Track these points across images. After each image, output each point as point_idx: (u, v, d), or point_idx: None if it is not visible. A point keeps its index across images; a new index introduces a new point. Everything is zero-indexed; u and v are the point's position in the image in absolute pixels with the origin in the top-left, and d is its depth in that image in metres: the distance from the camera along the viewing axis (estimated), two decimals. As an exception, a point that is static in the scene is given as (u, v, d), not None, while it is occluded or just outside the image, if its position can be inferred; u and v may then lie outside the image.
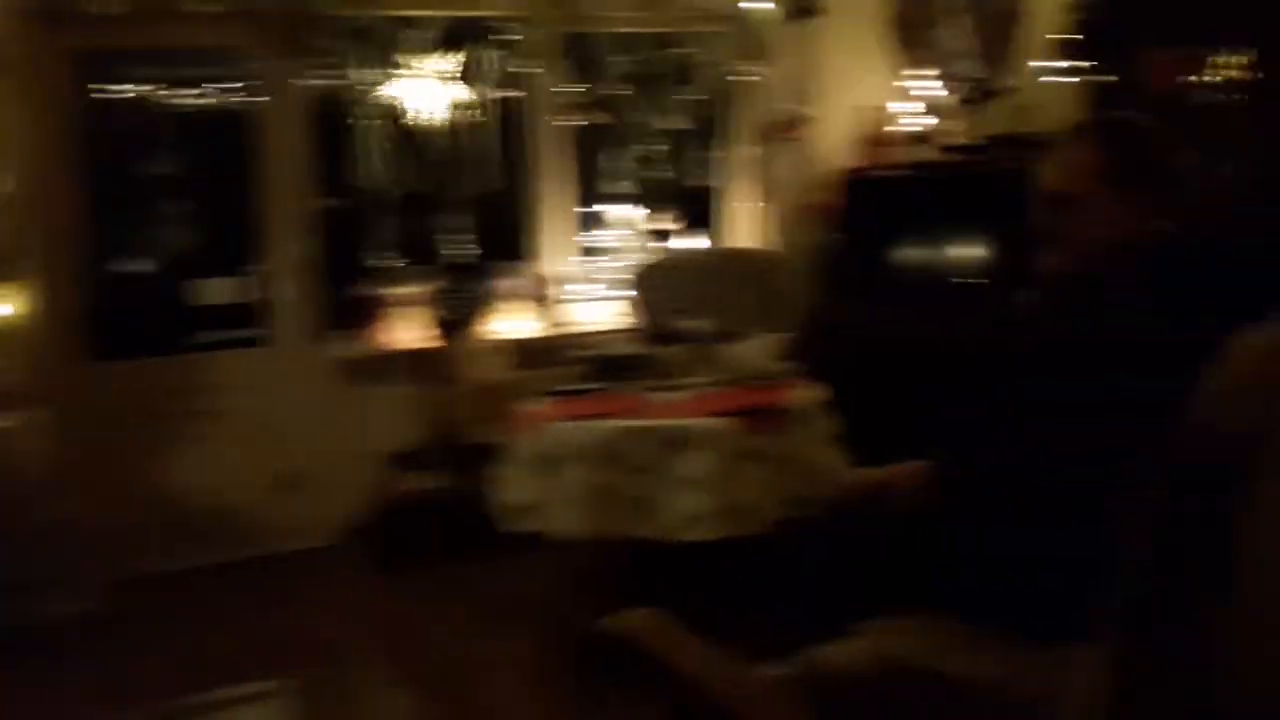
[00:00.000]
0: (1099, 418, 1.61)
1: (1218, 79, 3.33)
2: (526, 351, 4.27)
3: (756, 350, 3.23)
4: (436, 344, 4.14)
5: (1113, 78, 3.77)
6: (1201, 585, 1.04)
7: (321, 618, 3.49)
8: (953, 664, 1.60)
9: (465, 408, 3.99)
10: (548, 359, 4.20)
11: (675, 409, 2.94)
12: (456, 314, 4.33)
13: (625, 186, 4.66)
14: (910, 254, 4.42)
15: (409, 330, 4.29)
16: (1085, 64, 3.83)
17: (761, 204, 4.83)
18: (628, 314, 4.46)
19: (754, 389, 3.07)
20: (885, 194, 4.52)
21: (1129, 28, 3.64)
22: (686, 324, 3.39)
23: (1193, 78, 3.39)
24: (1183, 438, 1.04)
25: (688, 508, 2.64)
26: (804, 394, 3.00)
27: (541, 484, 2.89)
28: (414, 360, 4.20)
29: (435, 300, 4.35)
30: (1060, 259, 1.80)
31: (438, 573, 3.70)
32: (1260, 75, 3.18)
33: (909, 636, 1.68)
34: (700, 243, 4.82)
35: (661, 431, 2.76)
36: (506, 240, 4.66)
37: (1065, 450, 1.66)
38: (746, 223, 4.93)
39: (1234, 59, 3.31)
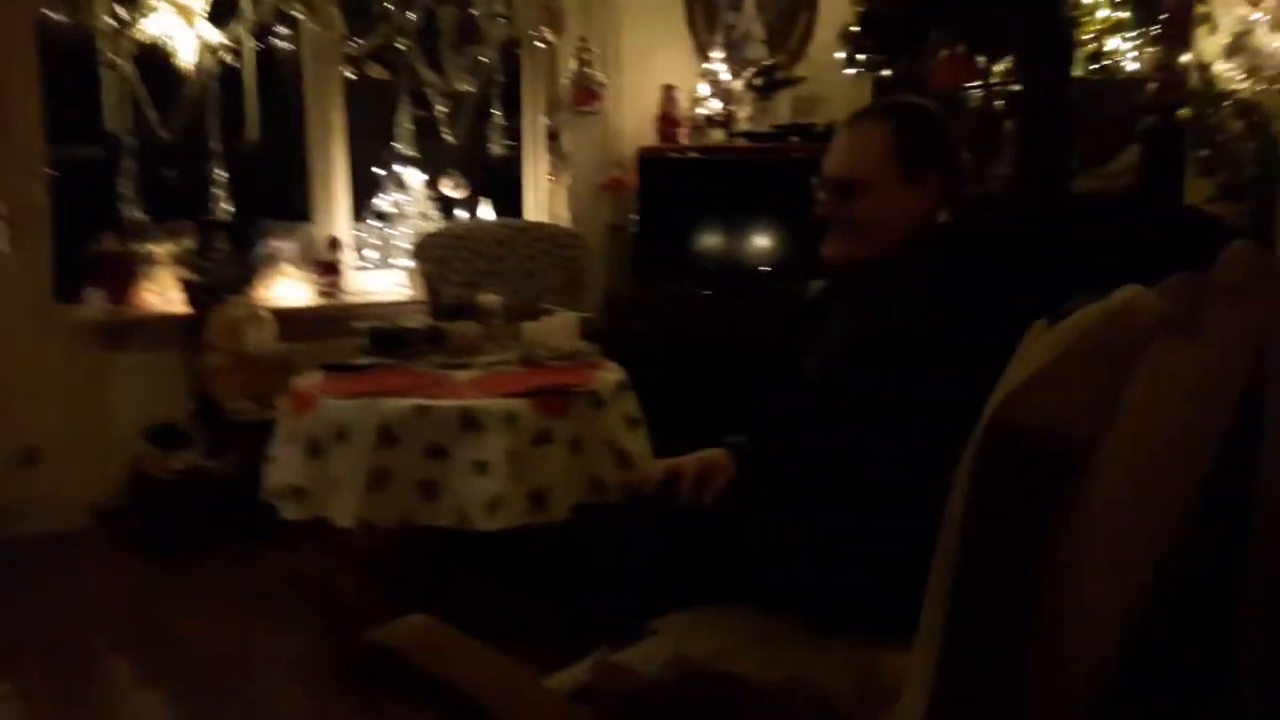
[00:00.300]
0: (896, 407, 1.61)
1: (992, 81, 3.51)
2: (300, 321, 3.97)
3: (555, 329, 3.13)
4: (196, 309, 3.77)
5: (890, 73, 3.91)
6: (1012, 584, 1.04)
7: (66, 610, 3.10)
8: (754, 665, 1.57)
9: (230, 380, 3.66)
10: (324, 330, 3.93)
11: (466, 388, 2.79)
12: (217, 276, 3.97)
13: (407, 149, 4.41)
14: (708, 238, 4.44)
15: (164, 292, 3.90)
16: (871, 58, 3.94)
17: (554, 178, 4.71)
18: (412, 285, 4.25)
19: (551, 369, 2.96)
20: (681, 176, 4.51)
21: (914, 24, 3.78)
22: (481, 298, 3.23)
23: (968, 80, 3.55)
24: (985, 434, 1.01)
25: (481, 493, 2.49)
26: (604, 375, 2.92)
27: (315, 466, 2.67)
28: (171, 326, 3.82)
29: (194, 261, 3.98)
30: (847, 246, 1.76)
31: (200, 560, 3.37)
32: (1026, 80, 3.35)
33: (710, 634, 1.63)
34: (488, 214, 4.65)
35: (450, 412, 2.59)
36: (282, 200, 4.32)
37: (863, 442, 1.65)
38: (539, 196, 4.80)
39: (1004, 64, 3.49)
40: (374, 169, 4.52)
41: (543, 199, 4.77)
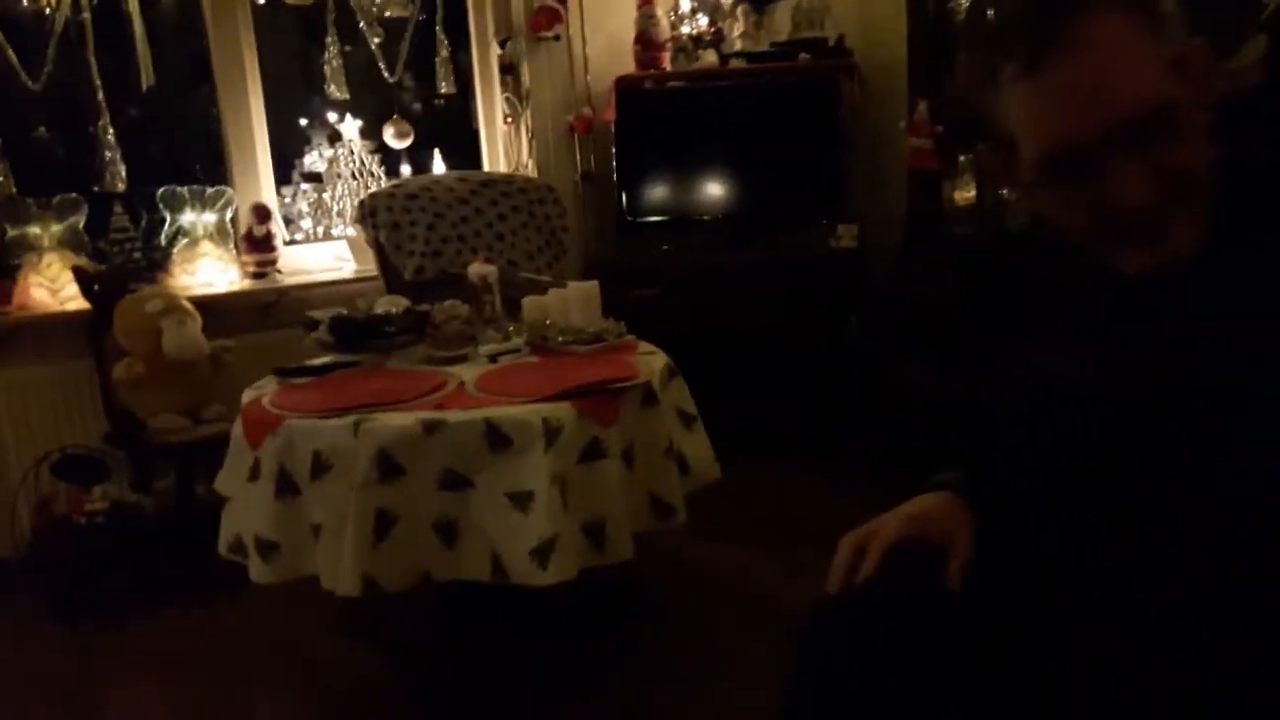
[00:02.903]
0: None
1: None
2: (229, 311, 3.25)
3: (574, 302, 2.48)
4: (95, 304, 3.01)
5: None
6: None
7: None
8: None
9: (150, 392, 2.94)
10: (260, 321, 3.23)
11: (477, 391, 2.14)
12: (119, 262, 3.24)
13: (338, 93, 3.67)
14: (704, 182, 3.82)
15: (55, 286, 3.14)
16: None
17: (511, 120, 4.03)
18: (362, 257, 3.55)
19: (578, 357, 2.33)
20: (667, 109, 3.87)
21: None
22: (473, 268, 2.56)
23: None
24: None
25: (524, 536, 1.87)
26: (648, 360, 2.29)
27: (288, 513, 2.01)
28: (67, 328, 3.06)
29: (87, 244, 3.24)
30: (1189, 227, 0.96)
31: (135, 623, 2.66)
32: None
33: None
34: (440, 167, 3.96)
35: (470, 427, 1.94)
36: (187, 164, 3.56)
37: None
38: (497, 143, 4.12)
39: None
40: (298, 120, 3.78)
41: (499, 145, 4.10)
